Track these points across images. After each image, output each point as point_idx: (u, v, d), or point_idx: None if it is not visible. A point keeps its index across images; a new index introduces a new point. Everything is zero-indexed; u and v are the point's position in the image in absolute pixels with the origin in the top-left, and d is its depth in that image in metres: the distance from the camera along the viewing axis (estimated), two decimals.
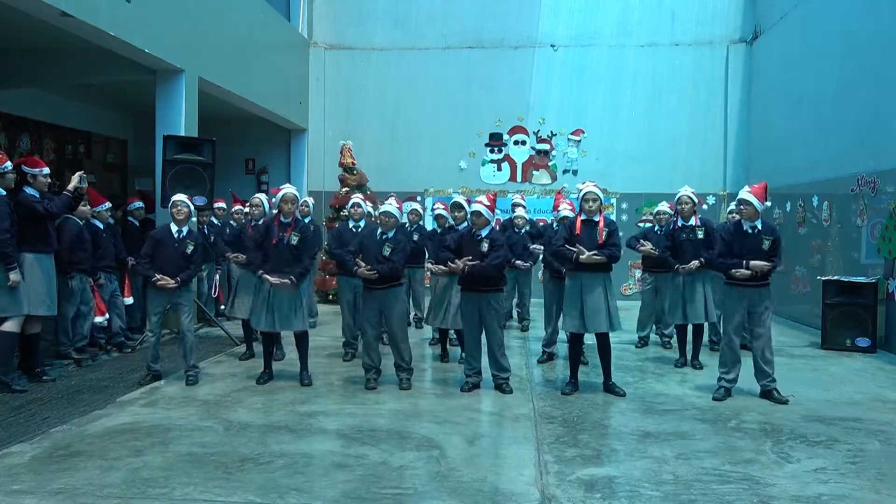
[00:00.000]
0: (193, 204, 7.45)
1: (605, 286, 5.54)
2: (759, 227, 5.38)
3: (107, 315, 6.89)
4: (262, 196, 6.98)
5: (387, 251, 5.67)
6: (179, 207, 5.89)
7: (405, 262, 5.85)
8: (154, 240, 5.83)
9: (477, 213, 5.56)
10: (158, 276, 5.67)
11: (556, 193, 7.72)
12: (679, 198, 6.56)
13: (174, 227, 5.88)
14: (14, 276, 5.34)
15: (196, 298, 8.15)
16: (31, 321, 5.85)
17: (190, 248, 5.88)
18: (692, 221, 6.53)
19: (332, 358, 7.01)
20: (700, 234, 6.47)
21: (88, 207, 6.70)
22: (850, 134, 8.50)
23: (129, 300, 7.43)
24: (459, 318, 6.00)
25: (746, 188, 5.47)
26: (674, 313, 6.66)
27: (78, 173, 6.10)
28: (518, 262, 7.43)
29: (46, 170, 5.91)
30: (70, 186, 5.97)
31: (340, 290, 7.00)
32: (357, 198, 7.11)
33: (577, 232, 5.51)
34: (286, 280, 5.66)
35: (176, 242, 5.82)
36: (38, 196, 5.75)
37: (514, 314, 9.13)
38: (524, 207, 8.52)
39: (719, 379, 5.55)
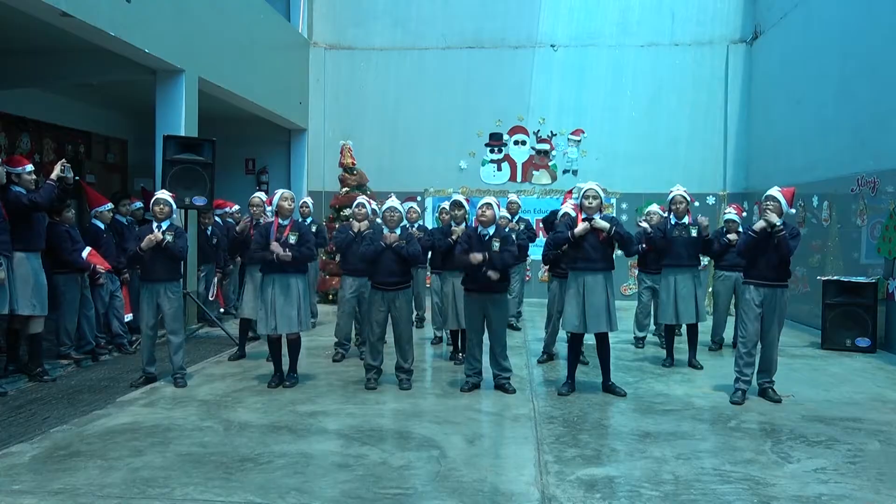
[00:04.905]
0: (194, 204, 7.50)
1: (606, 285, 5.56)
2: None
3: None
4: (262, 195, 6.97)
5: (402, 246, 5.68)
6: (161, 206, 5.74)
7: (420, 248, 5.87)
8: (138, 240, 5.67)
9: (487, 205, 5.57)
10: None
11: (565, 193, 7.67)
12: (673, 198, 6.61)
13: (154, 225, 5.72)
14: (1, 273, 5.30)
15: (195, 298, 8.15)
16: (34, 321, 5.84)
17: (168, 238, 5.65)
18: (685, 220, 6.58)
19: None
20: (693, 233, 6.52)
21: (72, 213, 6.59)
22: (850, 134, 8.50)
23: (129, 317, 7.34)
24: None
25: (777, 188, 5.43)
26: (665, 313, 6.68)
27: (59, 162, 5.96)
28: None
29: (30, 167, 5.91)
30: (53, 176, 5.83)
31: (343, 289, 6.79)
32: (362, 198, 6.93)
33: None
34: (287, 255, 5.57)
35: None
36: (24, 192, 5.73)
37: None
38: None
39: (736, 381, 5.48)
